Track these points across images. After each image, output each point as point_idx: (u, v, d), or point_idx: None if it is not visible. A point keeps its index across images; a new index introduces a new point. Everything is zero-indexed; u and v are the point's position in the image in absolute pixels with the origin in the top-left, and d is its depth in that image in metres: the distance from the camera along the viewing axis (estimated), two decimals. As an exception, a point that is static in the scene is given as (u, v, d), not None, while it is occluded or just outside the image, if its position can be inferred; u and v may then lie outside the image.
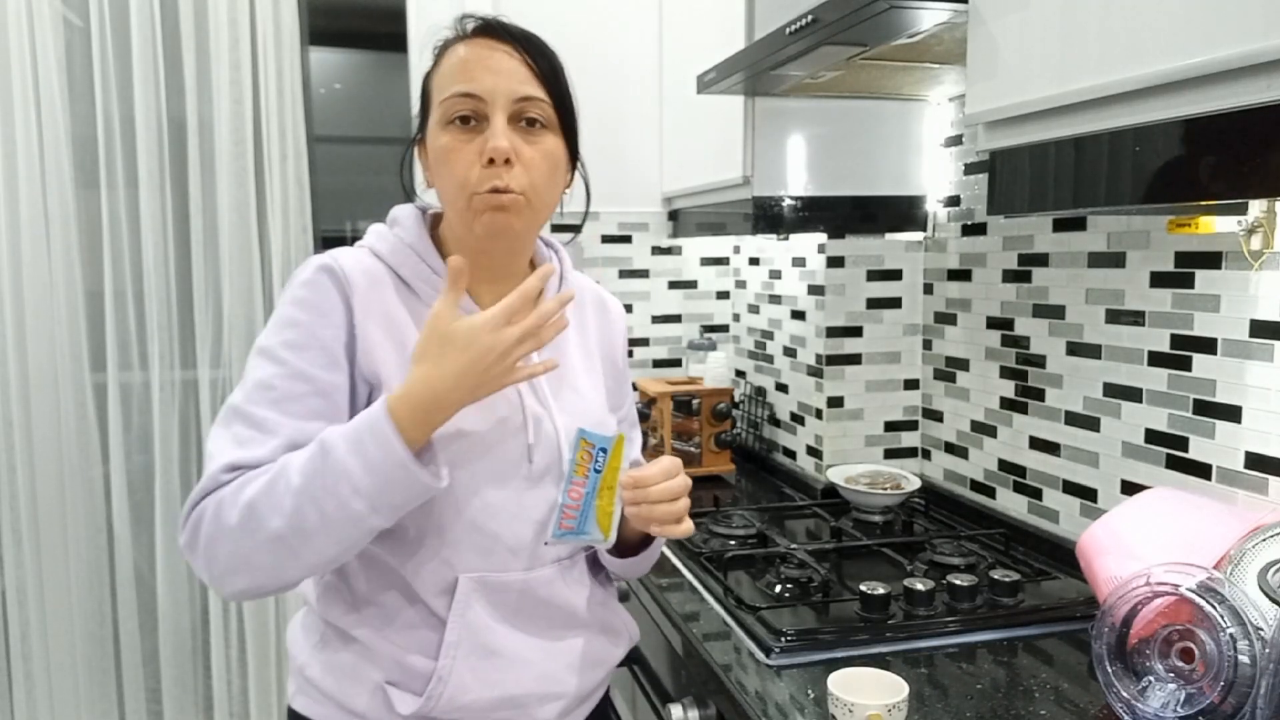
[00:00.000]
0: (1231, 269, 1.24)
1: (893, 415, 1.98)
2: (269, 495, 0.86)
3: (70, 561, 2.17)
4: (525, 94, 0.96)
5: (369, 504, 0.85)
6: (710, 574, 1.47)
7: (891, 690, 1.01)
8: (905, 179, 1.90)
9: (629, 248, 2.43)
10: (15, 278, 2.07)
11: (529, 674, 1.01)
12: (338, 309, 0.95)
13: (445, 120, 0.97)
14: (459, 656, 0.97)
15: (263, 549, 0.86)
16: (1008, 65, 1.08)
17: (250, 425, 0.91)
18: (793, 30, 1.37)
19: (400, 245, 1.01)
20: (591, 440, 0.96)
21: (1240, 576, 1.03)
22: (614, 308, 1.20)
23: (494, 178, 0.95)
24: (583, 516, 0.97)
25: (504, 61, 0.96)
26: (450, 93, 0.96)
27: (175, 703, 2.28)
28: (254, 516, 0.86)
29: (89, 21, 2.07)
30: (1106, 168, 0.95)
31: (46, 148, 2.06)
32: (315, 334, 0.94)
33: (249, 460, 0.89)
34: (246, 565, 0.87)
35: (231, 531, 0.87)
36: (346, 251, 1.00)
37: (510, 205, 0.96)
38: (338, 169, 2.46)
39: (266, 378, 0.93)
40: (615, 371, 1.17)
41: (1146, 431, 1.39)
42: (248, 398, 0.93)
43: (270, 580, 0.89)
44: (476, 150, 0.95)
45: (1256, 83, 0.78)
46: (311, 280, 0.96)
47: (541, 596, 1.02)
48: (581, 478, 0.95)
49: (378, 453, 0.85)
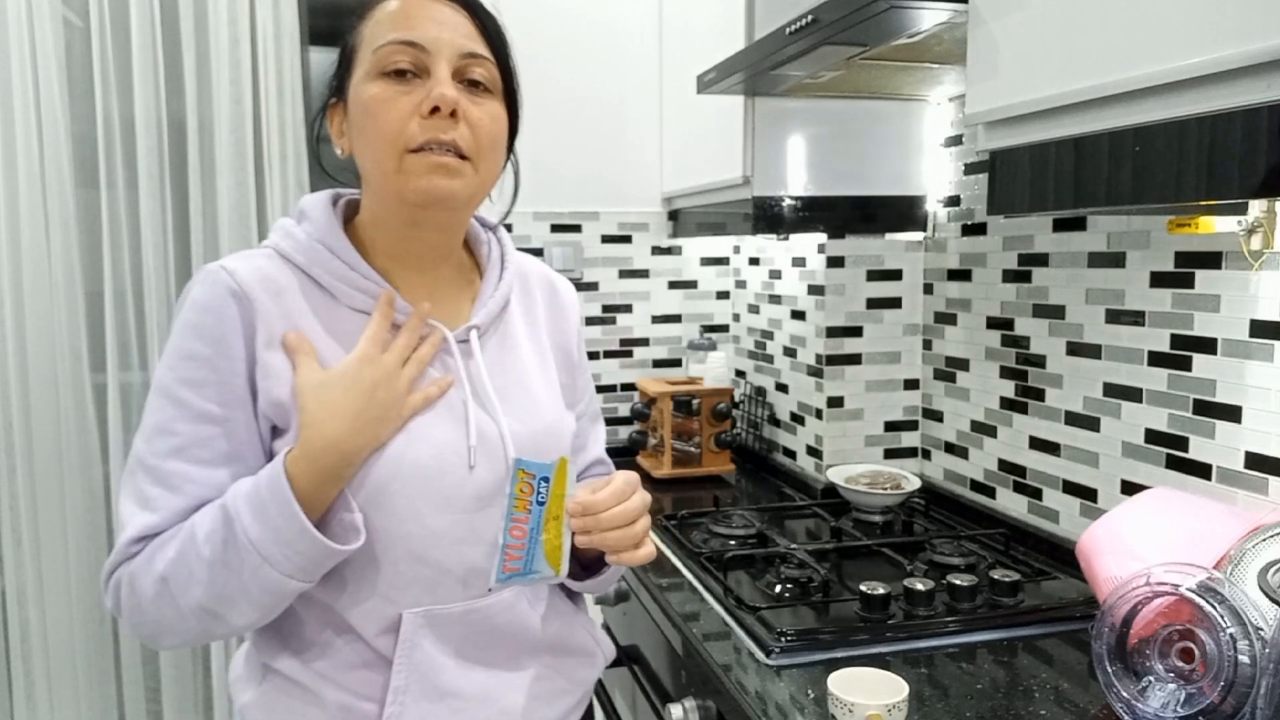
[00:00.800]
0: (1231, 269, 1.24)
1: (893, 415, 1.98)
2: (181, 567, 0.82)
3: (70, 561, 2.17)
4: (471, 50, 0.87)
5: (282, 570, 0.81)
6: (710, 574, 1.47)
7: (891, 690, 1.01)
8: (905, 179, 1.90)
9: (629, 248, 2.43)
10: (15, 278, 2.07)
11: (485, 713, 0.91)
12: (237, 336, 0.85)
13: (377, 71, 0.86)
14: (407, 702, 0.88)
15: (187, 617, 0.83)
16: (1008, 65, 1.08)
17: (154, 481, 0.85)
18: (793, 30, 1.37)
19: (309, 242, 0.90)
20: (530, 470, 0.84)
21: (1240, 576, 1.03)
22: (565, 291, 1.08)
23: (437, 130, 0.84)
24: (529, 556, 0.85)
25: (447, 14, 0.87)
26: (386, 40, 0.85)
27: (175, 703, 2.28)
28: (170, 589, 0.82)
29: (89, 21, 2.07)
30: (1106, 168, 0.95)
31: (46, 147, 2.06)
32: (214, 368, 0.85)
33: (155, 527, 0.84)
34: (172, 630, 0.85)
35: (151, 603, 0.83)
36: (247, 257, 0.89)
37: (454, 168, 0.85)
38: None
39: (166, 421, 0.85)
40: (569, 363, 1.05)
41: (1146, 431, 1.39)
42: (150, 447, 0.85)
43: (200, 639, 0.86)
44: (415, 101, 0.84)
45: (1256, 83, 0.78)
46: (207, 303, 0.85)
47: (498, 624, 0.93)
48: (523, 513, 0.84)
49: (281, 521, 0.80)
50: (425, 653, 0.89)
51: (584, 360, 1.10)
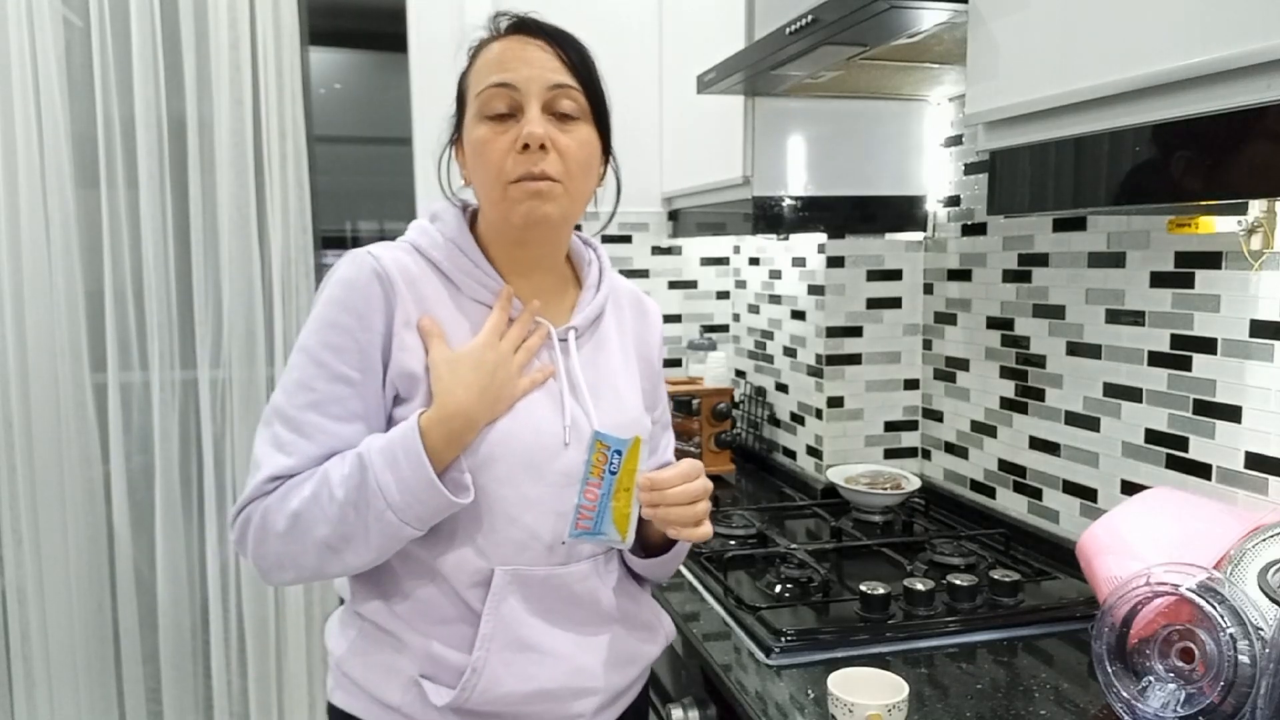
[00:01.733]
0: (1231, 269, 1.24)
1: (893, 415, 1.98)
2: (314, 506, 0.93)
3: (70, 561, 2.17)
4: (558, 82, 0.98)
5: (401, 517, 0.92)
6: (710, 574, 1.47)
7: (891, 690, 1.01)
8: (905, 179, 1.90)
9: (629, 248, 2.43)
10: (15, 278, 2.07)
11: (562, 668, 1.01)
12: (379, 313, 0.97)
13: (481, 114, 0.98)
14: (493, 649, 0.97)
15: (309, 552, 0.95)
16: (1008, 65, 1.08)
17: (291, 428, 0.97)
18: (793, 30, 1.37)
19: (442, 239, 1.03)
20: (607, 442, 0.96)
21: (1240, 576, 1.03)
22: (652, 310, 1.20)
23: (529, 164, 0.96)
24: (599, 517, 0.97)
25: (536, 54, 0.98)
26: (485, 85, 0.98)
27: (175, 703, 2.28)
28: (300, 525, 0.94)
29: (89, 21, 2.07)
30: (1106, 168, 0.95)
31: (46, 147, 2.06)
32: (356, 338, 0.97)
33: (290, 469, 0.96)
34: (294, 564, 0.96)
35: (280, 537, 0.95)
36: (388, 247, 1.02)
37: (547, 192, 0.97)
38: (338, 169, 2.46)
39: (307, 379, 0.97)
40: (651, 372, 1.17)
41: (1146, 431, 1.39)
42: (289, 398, 0.97)
43: (314, 575, 0.97)
44: (512, 139, 0.96)
45: (1256, 83, 0.78)
46: (354, 281, 0.98)
47: (575, 592, 1.02)
48: (597, 479, 0.96)
49: (409, 471, 0.91)
50: (511, 607, 0.98)
51: (662, 372, 1.21)
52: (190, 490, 2.25)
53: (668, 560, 1.11)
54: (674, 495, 0.96)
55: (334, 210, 2.46)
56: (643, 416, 1.11)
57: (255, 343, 2.21)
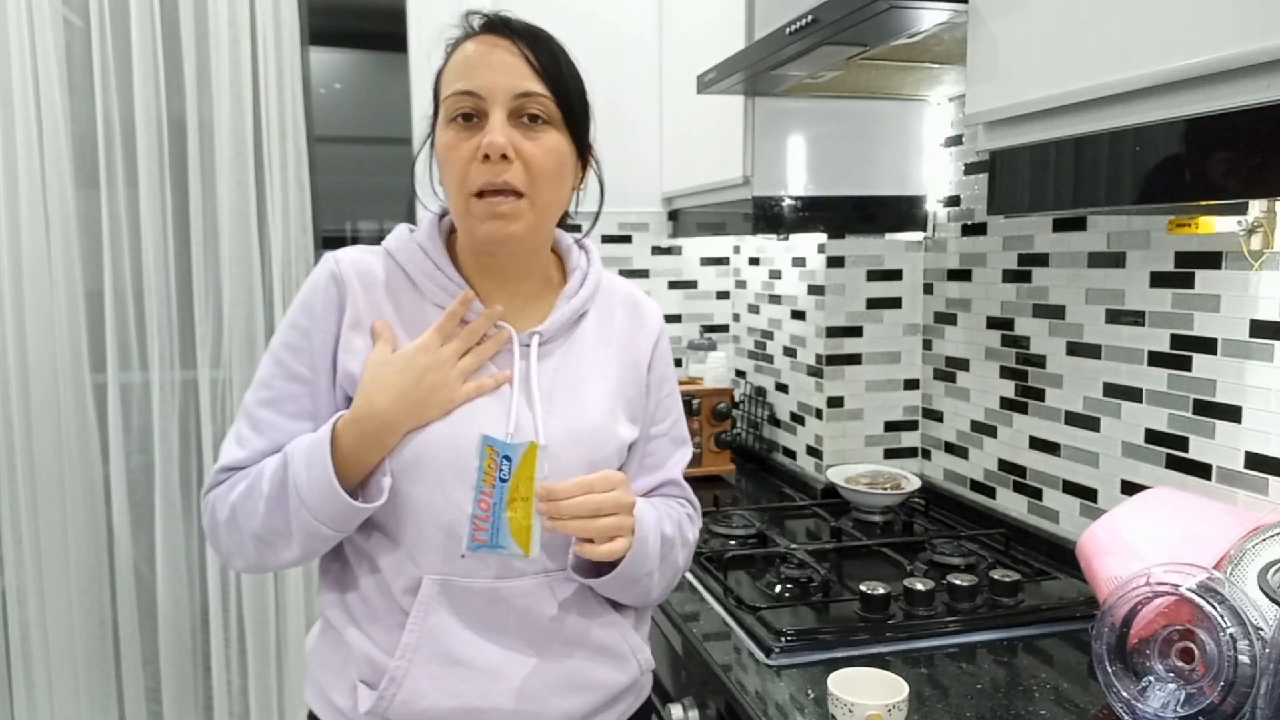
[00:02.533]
0: (1231, 269, 1.24)
1: (893, 415, 1.98)
2: (247, 499, 0.96)
3: (70, 561, 2.17)
4: (524, 89, 0.95)
5: (315, 515, 0.93)
6: (710, 574, 1.47)
7: (891, 690, 1.01)
8: (905, 179, 1.90)
9: (629, 248, 2.43)
10: (15, 278, 2.07)
11: (496, 688, 0.96)
12: (332, 314, 0.99)
13: (447, 118, 0.97)
14: (416, 660, 0.95)
15: (247, 544, 0.98)
16: (1008, 65, 1.08)
17: (249, 424, 1.00)
18: (793, 30, 1.37)
19: (410, 243, 1.03)
20: (495, 447, 0.90)
21: (1240, 576, 1.03)
22: (648, 312, 1.12)
23: (491, 174, 0.94)
24: (494, 528, 0.90)
25: (503, 58, 0.95)
26: (451, 90, 0.96)
27: (175, 703, 2.28)
28: (236, 517, 0.97)
29: (89, 21, 2.07)
30: (1106, 168, 0.95)
31: (46, 147, 2.06)
32: (310, 339, 0.99)
33: (240, 461, 0.99)
34: (240, 554, 0.99)
35: (223, 527, 0.99)
36: (356, 250, 1.03)
37: (510, 213, 0.95)
38: (338, 169, 2.46)
39: (267, 377, 1.01)
40: (637, 379, 1.08)
41: (1146, 431, 1.39)
42: (252, 394, 1.01)
43: (260, 566, 1.00)
44: (474, 146, 0.94)
45: (1256, 83, 0.78)
46: (316, 283, 1.01)
47: (517, 608, 0.97)
48: (489, 486, 0.90)
49: (319, 471, 0.92)
50: (440, 618, 0.96)
51: (665, 379, 1.13)
52: (190, 490, 2.25)
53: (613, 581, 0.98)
54: (570, 507, 0.90)
55: (334, 210, 2.46)
56: (613, 427, 1.03)
57: (255, 343, 2.21)
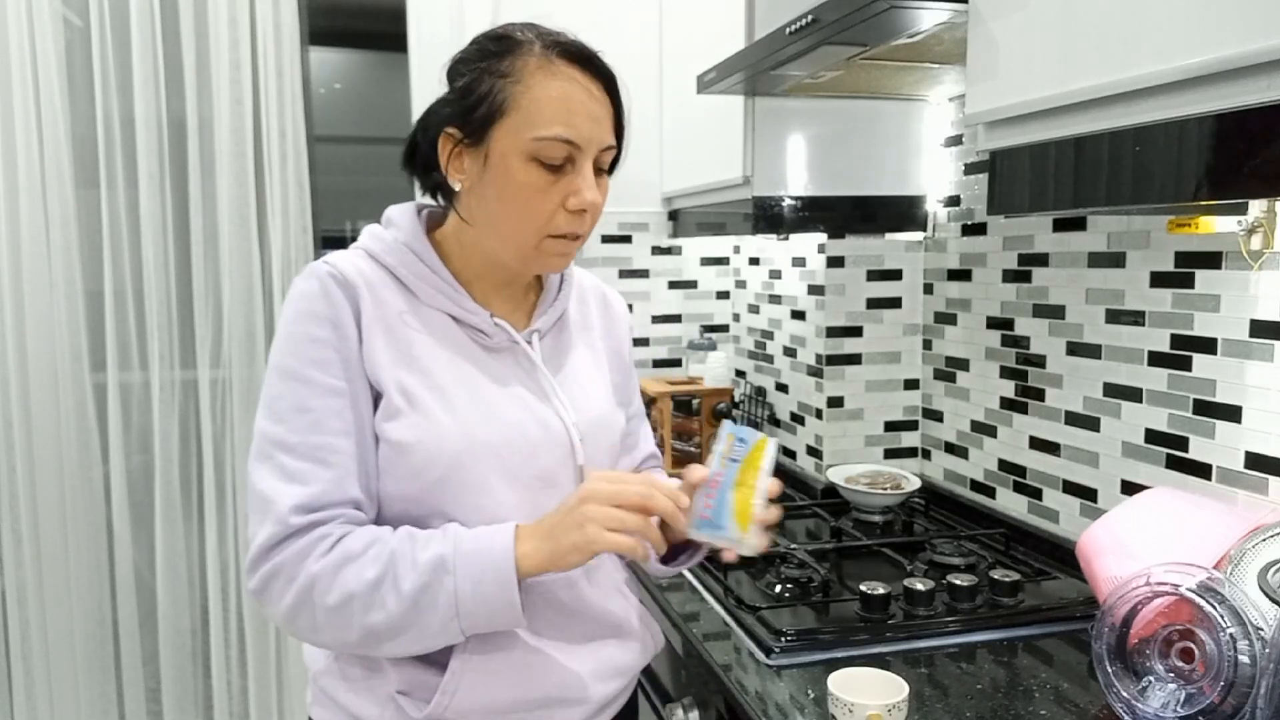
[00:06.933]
0: (1231, 269, 1.24)
1: (893, 415, 1.98)
2: (375, 592, 0.87)
3: (70, 561, 2.17)
4: (608, 144, 0.97)
5: (465, 628, 0.89)
6: (710, 574, 1.47)
7: (891, 690, 1.01)
8: (905, 179, 1.90)
9: (629, 248, 2.43)
10: (15, 278, 2.07)
11: (547, 679, 0.98)
12: (350, 320, 0.94)
13: (534, 157, 0.93)
14: (471, 660, 0.95)
15: (353, 630, 0.89)
16: (1008, 65, 1.08)
17: (297, 456, 0.91)
18: (793, 30, 1.37)
19: (397, 245, 1.00)
20: (735, 434, 0.97)
21: (1240, 576, 1.03)
22: (616, 303, 1.20)
23: (578, 225, 0.96)
24: (719, 507, 0.94)
25: (597, 109, 0.95)
26: (550, 134, 0.92)
27: (175, 703, 2.28)
28: (353, 606, 0.88)
29: (89, 21, 2.07)
30: (1106, 168, 0.95)
31: (46, 148, 2.06)
32: (336, 348, 0.94)
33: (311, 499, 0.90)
34: (331, 638, 0.91)
35: (328, 611, 0.88)
36: (343, 256, 0.98)
37: (570, 252, 0.99)
38: (338, 169, 2.46)
39: (301, 400, 0.92)
40: (621, 366, 1.17)
41: (1146, 431, 1.39)
42: (287, 425, 0.91)
43: (343, 649, 0.94)
44: (561, 193, 0.94)
45: (1256, 83, 0.78)
46: (319, 293, 0.94)
47: (562, 600, 1.00)
48: (720, 467, 0.95)
49: (494, 590, 0.87)
50: None
51: (632, 365, 1.21)
52: (190, 490, 2.25)
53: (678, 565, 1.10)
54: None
55: (334, 210, 2.46)
56: (615, 412, 1.10)
57: (255, 343, 2.21)
